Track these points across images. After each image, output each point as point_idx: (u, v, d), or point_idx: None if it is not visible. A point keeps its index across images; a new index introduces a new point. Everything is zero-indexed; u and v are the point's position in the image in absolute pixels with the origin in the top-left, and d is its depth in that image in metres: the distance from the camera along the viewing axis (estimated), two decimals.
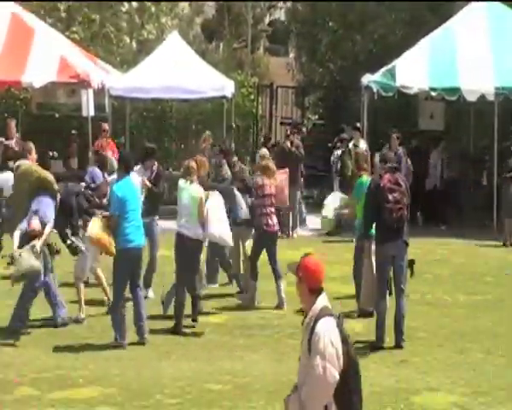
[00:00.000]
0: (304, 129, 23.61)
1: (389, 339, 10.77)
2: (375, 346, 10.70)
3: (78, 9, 27.07)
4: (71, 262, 12.69)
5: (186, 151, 22.36)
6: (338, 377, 5.55)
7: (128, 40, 28.17)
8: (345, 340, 5.65)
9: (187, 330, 11.38)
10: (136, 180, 11.65)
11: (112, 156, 15.02)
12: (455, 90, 18.73)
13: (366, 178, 12.14)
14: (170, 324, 11.61)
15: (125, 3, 28.58)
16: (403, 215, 10.60)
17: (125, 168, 11.01)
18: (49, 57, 18.95)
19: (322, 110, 28.80)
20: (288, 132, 20.24)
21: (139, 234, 10.85)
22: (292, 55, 33.75)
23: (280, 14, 36.38)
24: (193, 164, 11.79)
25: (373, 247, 11.16)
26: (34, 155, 11.90)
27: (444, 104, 21.66)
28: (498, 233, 18.18)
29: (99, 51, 25.31)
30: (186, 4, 33.91)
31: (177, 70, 20.30)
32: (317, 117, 29.44)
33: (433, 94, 19.16)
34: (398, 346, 10.68)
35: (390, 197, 10.50)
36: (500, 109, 19.46)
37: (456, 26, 19.91)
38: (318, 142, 25.02)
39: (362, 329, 11.41)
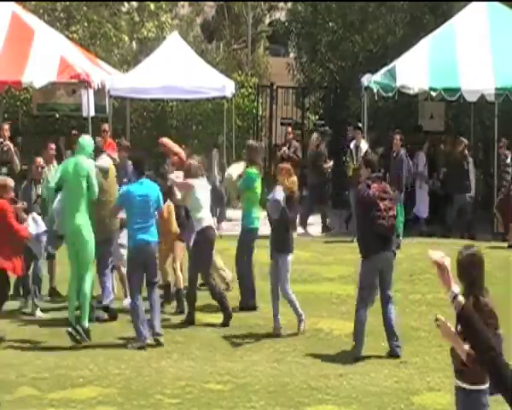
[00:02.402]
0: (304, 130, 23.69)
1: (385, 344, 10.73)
2: (355, 356, 10.25)
3: (77, 9, 27.04)
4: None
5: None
6: None
7: (127, 39, 28.14)
8: None
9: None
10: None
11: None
12: (455, 90, 18.70)
13: (255, 171, 12.32)
14: (169, 324, 11.62)
15: (125, 3, 28.58)
16: (394, 224, 10.28)
17: (138, 171, 11.21)
18: (49, 57, 18.90)
19: (322, 110, 28.78)
20: (290, 130, 20.89)
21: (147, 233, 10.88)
22: (292, 55, 33.70)
23: (280, 14, 36.33)
24: None
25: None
26: None
27: (444, 104, 21.65)
28: (504, 234, 18.03)
29: (99, 51, 25.30)
30: (186, 3, 33.94)
31: (177, 70, 20.28)
32: (317, 117, 29.42)
33: (433, 94, 19.13)
34: (393, 354, 10.30)
35: (381, 205, 10.12)
36: (500, 109, 19.43)
37: (456, 26, 19.87)
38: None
39: None
